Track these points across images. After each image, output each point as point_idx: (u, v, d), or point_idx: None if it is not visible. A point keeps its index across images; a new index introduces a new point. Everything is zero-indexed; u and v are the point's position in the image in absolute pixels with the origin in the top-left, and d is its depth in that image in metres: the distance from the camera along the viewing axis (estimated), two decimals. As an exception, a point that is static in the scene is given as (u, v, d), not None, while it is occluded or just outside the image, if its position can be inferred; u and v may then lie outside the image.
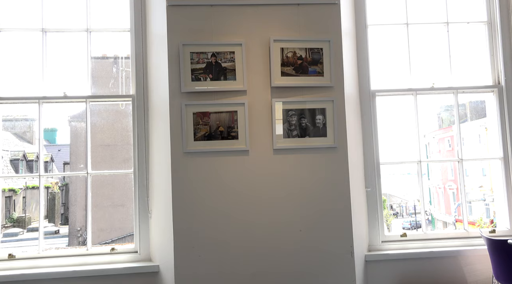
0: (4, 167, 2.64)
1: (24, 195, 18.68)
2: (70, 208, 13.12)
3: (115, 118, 11.37)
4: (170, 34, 2.31)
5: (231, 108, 2.33)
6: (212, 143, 2.31)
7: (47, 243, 2.57)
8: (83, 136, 12.07)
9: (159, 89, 2.47)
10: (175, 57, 2.31)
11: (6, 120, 15.37)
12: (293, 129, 2.38)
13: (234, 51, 2.34)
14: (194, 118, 2.31)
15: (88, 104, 2.64)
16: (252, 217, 2.30)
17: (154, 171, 2.55)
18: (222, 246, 2.27)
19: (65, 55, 13.28)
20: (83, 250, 2.55)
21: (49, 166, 17.89)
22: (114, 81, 10.89)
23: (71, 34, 2.74)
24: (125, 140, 11.30)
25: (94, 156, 2.60)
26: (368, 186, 2.64)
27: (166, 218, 2.34)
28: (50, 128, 19.80)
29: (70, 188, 14.09)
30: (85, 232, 11.98)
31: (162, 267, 2.40)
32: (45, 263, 2.47)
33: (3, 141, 2.41)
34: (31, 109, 3.71)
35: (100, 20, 2.74)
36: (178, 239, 2.24)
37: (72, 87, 2.47)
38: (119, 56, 11.60)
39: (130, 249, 2.56)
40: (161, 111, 2.43)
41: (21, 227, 16.36)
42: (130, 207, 2.77)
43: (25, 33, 2.67)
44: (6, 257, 2.47)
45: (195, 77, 2.32)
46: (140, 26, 2.62)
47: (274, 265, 2.29)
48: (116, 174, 2.54)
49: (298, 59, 2.39)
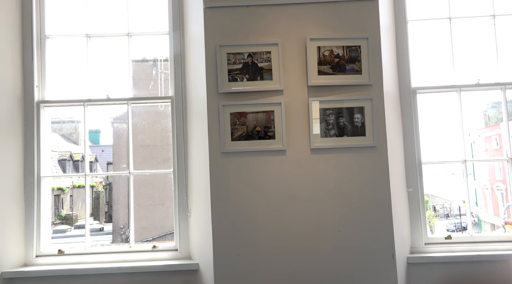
0: (53, 167, 2.81)
1: (71, 194, 19.58)
2: (114, 206, 13.61)
3: (154, 119, 11.69)
4: (207, 35, 2.35)
5: (268, 108, 2.34)
6: (249, 143, 2.33)
7: (92, 240, 2.70)
8: (125, 137, 12.49)
9: (197, 90, 2.51)
10: (212, 58, 2.34)
11: (54, 122, 16.14)
12: (331, 128, 2.35)
13: (270, 51, 2.34)
14: (231, 118, 2.33)
15: (129, 106, 2.73)
16: (289, 217, 2.30)
17: (193, 171, 2.60)
18: (259, 246, 2.28)
19: (107, 59, 13.81)
20: (126, 247, 2.64)
21: (93, 166, 18.66)
22: (154, 83, 11.19)
23: (113, 39, 2.84)
24: (164, 140, 11.58)
25: (135, 156, 2.70)
26: (410, 186, 2.56)
27: (205, 217, 2.37)
28: (94, 130, 20.64)
29: (113, 187, 14.62)
30: (127, 230, 12.39)
31: (202, 265, 2.44)
32: (91, 259, 2.57)
33: (52, 142, 2.56)
34: (76, 111, 3.87)
35: (139, 24, 2.82)
36: (216, 238, 2.27)
37: (115, 89, 2.58)
38: (158, 59, 11.90)
39: (171, 247, 2.63)
40: (199, 111, 2.48)
41: (68, 224, 17.18)
42: (170, 206, 2.84)
43: (70, 39, 2.79)
44: (56, 253, 2.60)
45: (232, 78, 2.34)
46: (178, 29, 2.68)
47: (311, 265, 2.27)
48: (156, 173, 2.61)
49: (335, 58, 2.36)
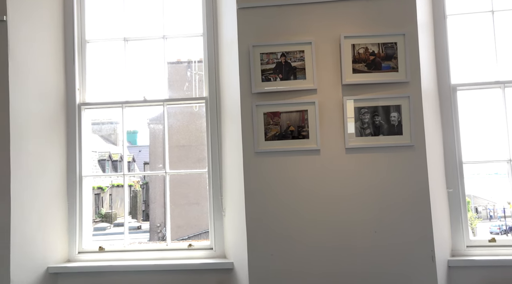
0: (93, 166, 2.94)
1: (111, 193, 20.25)
2: (150, 205, 13.97)
3: (189, 120, 11.89)
4: (240, 36, 2.36)
5: (302, 108, 2.32)
6: (283, 142, 2.32)
7: (131, 238, 2.78)
8: (161, 138, 12.78)
9: (231, 91, 2.53)
10: (245, 58, 2.35)
11: (94, 123, 16.74)
12: (366, 127, 2.30)
13: (303, 50, 2.33)
14: (264, 118, 2.33)
15: (165, 107, 2.79)
16: (324, 217, 2.27)
17: (227, 170, 2.62)
18: (293, 246, 2.26)
19: (143, 61, 14.13)
20: (163, 245, 2.70)
21: (131, 166, 19.19)
22: (188, 84, 11.38)
23: (149, 41, 2.91)
24: (199, 140, 11.76)
25: (171, 156, 2.77)
26: (450, 186, 2.47)
27: (239, 216, 2.39)
28: (132, 131, 21.24)
29: (150, 186, 15.01)
30: (164, 228, 12.67)
31: (237, 264, 2.46)
32: (129, 256, 2.65)
33: (92, 143, 2.69)
34: (115, 113, 4.02)
35: (174, 27, 2.88)
36: (251, 238, 2.28)
37: (151, 91, 2.65)
38: (192, 60, 12.10)
39: (206, 245, 2.66)
40: (233, 112, 2.50)
41: (108, 222, 17.78)
42: (205, 206, 2.88)
43: (108, 43, 2.88)
44: (97, 249, 2.70)
45: (265, 78, 2.34)
46: (212, 30, 2.71)
47: (346, 267, 2.24)
48: (191, 173, 2.66)
49: (371, 55, 2.31)
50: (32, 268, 2.42)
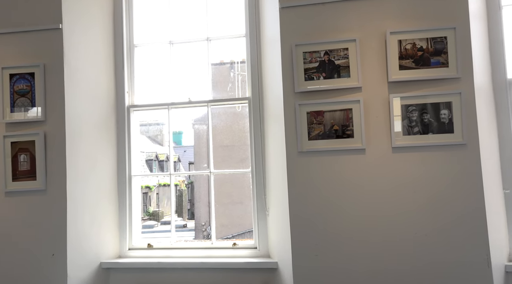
0: (141, 166, 3.06)
1: (158, 192, 20.91)
2: (195, 204, 14.26)
3: (232, 120, 12.01)
4: (283, 35, 2.35)
5: (346, 106, 2.28)
6: (326, 142, 2.29)
7: (177, 236, 2.86)
8: (205, 138, 13.03)
9: (274, 91, 2.53)
10: (288, 58, 2.34)
11: (142, 125, 17.31)
12: (414, 125, 2.22)
13: (347, 47, 2.28)
14: (308, 118, 2.31)
15: (209, 107, 2.83)
16: (370, 218, 2.22)
17: (270, 170, 2.62)
18: (339, 247, 2.23)
19: (188, 63, 14.41)
20: (208, 244, 2.75)
21: (177, 165, 19.66)
22: (231, 85, 11.52)
23: (193, 44, 2.98)
24: (242, 140, 11.85)
25: (215, 156, 2.81)
26: (507, 187, 2.33)
27: (283, 216, 2.39)
28: (177, 131, 21.78)
29: (194, 185, 15.31)
30: (208, 227, 12.90)
31: (281, 264, 2.45)
32: (176, 254, 2.72)
33: (140, 144, 2.80)
34: (161, 114, 4.19)
35: (218, 29, 2.92)
36: (295, 238, 2.27)
37: (195, 92, 2.71)
38: (235, 61, 12.21)
39: (250, 245, 2.68)
40: (276, 112, 2.49)
41: (155, 220, 18.35)
42: (248, 205, 2.90)
43: (155, 46, 2.98)
44: (145, 246, 2.79)
45: (308, 77, 2.32)
46: (255, 30, 2.73)
47: (394, 270, 2.17)
48: (235, 173, 2.70)
49: (418, 51, 2.23)
50: (86, 263, 2.54)
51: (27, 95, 2.48)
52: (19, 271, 2.41)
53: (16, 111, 2.49)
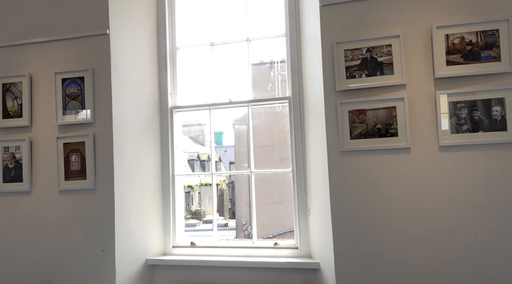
0: (183, 166, 3.15)
1: (199, 191, 21.36)
2: (236, 203, 14.42)
3: (272, 120, 12.04)
4: (324, 33, 2.33)
5: (389, 104, 2.22)
6: (369, 141, 2.24)
7: (219, 234, 2.92)
8: (245, 138, 13.14)
9: (314, 90, 2.51)
10: (329, 56, 2.31)
11: (184, 125, 17.75)
12: (463, 123, 2.12)
13: (391, 44, 2.22)
14: (350, 116, 2.27)
15: (249, 108, 2.85)
16: (415, 220, 2.14)
17: (311, 170, 2.60)
18: (383, 249, 2.17)
19: (228, 64, 14.59)
20: (250, 243, 2.77)
21: (218, 165, 19.99)
22: (272, 84, 11.54)
23: (233, 45, 3.01)
24: (282, 140, 11.85)
25: (255, 156, 2.84)
26: None
27: (325, 216, 2.36)
28: (218, 131, 22.15)
29: (235, 185, 15.49)
30: (249, 226, 12.99)
31: (323, 265, 2.43)
32: (218, 252, 2.76)
33: (183, 144, 2.88)
34: (202, 115, 4.28)
35: (257, 29, 2.93)
36: (337, 239, 2.24)
37: (236, 93, 2.74)
38: (275, 61, 12.23)
39: (291, 245, 2.67)
40: (317, 111, 2.47)
41: (197, 219, 18.76)
42: (289, 205, 2.89)
43: (196, 48, 3.03)
44: (189, 244, 2.85)
45: (349, 75, 2.28)
46: (295, 29, 2.71)
47: (441, 274, 2.09)
48: (275, 173, 2.70)
49: (467, 45, 2.12)
50: (133, 260, 2.64)
51: (78, 98, 2.61)
52: (72, 266, 2.54)
53: (68, 113, 2.62)
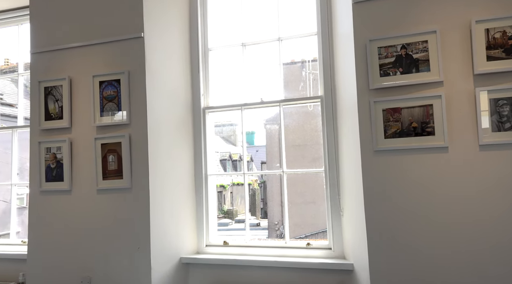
0: (215, 166, 3.18)
1: (231, 191, 21.54)
2: (268, 203, 14.44)
3: (304, 120, 11.97)
4: (357, 31, 2.29)
5: (425, 102, 2.15)
6: (404, 140, 2.18)
7: (251, 234, 2.93)
8: (277, 138, 13.14)
9: (347, 88, 2.47)
10: (362, 54, 2.27)
11: (216, 126, 17.98)
12: (505, 121, 2.03)
13: (427, 40, 2.16)
14: (384, 115, 2.22)
15: (281, 107, 2.85)
16: (453, 221, 2.07)
17: (344, 169, 2.57)
18: (419, 251, 2.11)
19: (259, 64, 14.65)
20: (282, 243, 2.76)
21: (249, 165, 20.07)
22: (303, 84, 11.47)
23: (264, 45, 3.01)
24: (314, 140, 11.75)
25: (287, 156, 2.84)
26: None
27: (359, 217, 2.32)
28: (250, 131, 22.27)
29: (267, 185, 15.52)
30: (281, 226, 12.97)
31: (357, 266, 2.39)
32: (251, 252, 2.77)
33: (215, 144, 2.92)
34: (234, 115, 4.32)
35: (289, 28, 2.92)
36: (371, 240, 2.19)
37: (267, 92, 2.75)
38: (306, 60, 12.15)
39: (324, 245, 2.65)
40: (349, 110, 2.43)
41: (230, 218, 18.92)
42: (321, 205, 2.87)
43: (228, 49, 3.06)
44: (222, 244, 2.88)
45: (383, 73, 2.23)
46: (327, 28, 2.68)
47: (483, 279, 2.00)
48: (307, 172, 2.69)
49: (509, 39, 2.03)
50: (167, 258, 2.69)
51: (114, 100, 2.69)
52: (110, 262, 2.62)
53: (105, 115, 2.71)
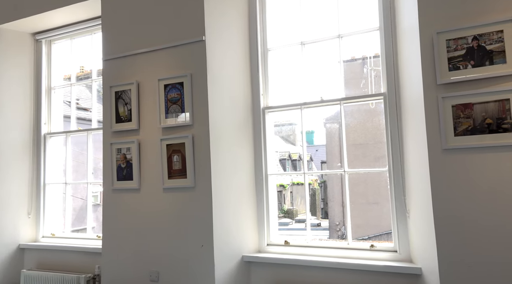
0: (275, 165, 3.20)
1: (291, 190, 21.51)
2: (329, 203, 14.21)
3: (366, 118, 11.63)
4: (422, 24, 2.18)
5: (501, 96, 2.00)
6: (477, 137, 2.04)
7: (312, 234, 2.88)
8: (337, 137, 12.89)
9: (412, 84, 2.36)
10: (428, 48, 2.16)
11: (275, 125, 18.12)
12: None
13: (502, 29, 2.00)
14: (453, 111, 2.09)
15: (342, 106, 2.79)
16: (536, 225, 1.90)
17: (410, 169, 2.45)
18: (492, 256, 1.96)
19: (319, 63, 14.50)
20: (344, 244, 2.70)
21: (309, 164, 19.91)
22: (365, 81, 11.15)
23: (324, 43, 2.96)
24: (376, 138, 11.37)
25: (348, 155, 2.78)
26: None
27: (426, 219, 2.20)
28: (310, 131, 22.10)
29: (327, 185, 15.30)
30: (343, 227, 12.71)
31: (425, 270, 2.27)
32: (312, 252, 2.74)
33: (274, 144, 2.93)
34: (293, 114, 4.33)
35: (349, 25, 2.85)
36: (441, 244, 2.07)
37: (327, 91, 2.71)
38: (367, 56, 11.80)
39: (389, 247, 2.55)
40: (415, 106, 2.32)
41: (290, 218, 18.91)
42: (384, 206, 2.77)
43: (287, 48, 3.05)
44: (283, 243, 2.88)
45: (453, 66, 2.10)
46: (389, 22, 2.58)
47: None
48: (369, 172, 2.61)
49: None
50: (230, 256, 2.74)
51: (178, 102, 2.80)
52: (176, 258, 2.73)
53: (169, 117, 2.83)
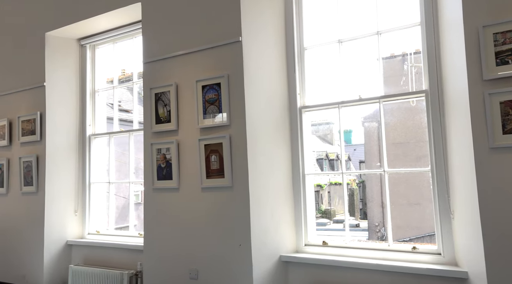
0: (312, 165, 3.18)
1: (329, 190, 21.25)
2: (368, 204, 13.91)
3: (406, 116, 11.28)
4: (467, 18, 2.09)
5: (554, 92, 1.88)
6: (528, 136, 1.93)
7: (350, 235, 2.83)
8: (375, 136, 12.58)
9: (456, 81, 2.27)
10: (473, 42, 2.06)
11: (312, 125, 18.02)
12: None
13: (555, 19, 1.88)
14: (501, 108, 1.99)
15: (381, 104, 2.72)
16: None
17: (454, 169, 2.36)
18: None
19: (356, 60, 14.26)
20: (384, 246, 2.64)
21: (347, 164, 19.61)
22: (405, 78, 10.82)
23: (362, 40, 2.90)
24: (417, 137, 11.01)
25: (387, 154, 2.70)
26: None
27: (473, 220, 2.11)
28: (347, 130, 21.75)
29: (366, 185, 14.98)
30: (383, 228, 12.41)
31: (472, 274, 2.18)
32: (350, 253, 2.70)
33: (311, 143, 2.91)
34: (330, 113, 4.25)
35: (388, 21, 2.78)
36: (489, 247, 1.98)
37: (365, 89, 2.65)
38: (407, 53, 11.45)
39: (432, 250, 2.46)
40: (459, 104, 2.23)
41: (327, 218, 18.69)
42: (427, 206, 2.69)
43: (323, 47, 3.01)
44: (321, 244, 2.85)
45: (500, 61, 2.00)
46: (431, 16, 2.49)
47: None
48: (410, 172, 2.52)
49: None
50: (268, 255, 2.75)
51: (215, 103, 2.83)
52: (214, 257, 2.77)
53: (207, 117, 2.87)
